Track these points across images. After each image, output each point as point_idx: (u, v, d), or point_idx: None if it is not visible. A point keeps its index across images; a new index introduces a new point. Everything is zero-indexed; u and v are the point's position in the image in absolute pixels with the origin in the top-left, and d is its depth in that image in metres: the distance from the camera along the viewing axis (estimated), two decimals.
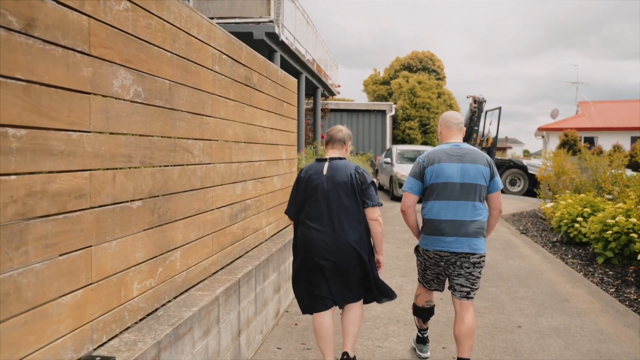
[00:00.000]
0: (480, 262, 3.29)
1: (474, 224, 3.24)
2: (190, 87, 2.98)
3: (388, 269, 6.30)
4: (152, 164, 2.52)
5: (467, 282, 3.31)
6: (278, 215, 5.11)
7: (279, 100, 5.12)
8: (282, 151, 5.25)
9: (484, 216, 3.30)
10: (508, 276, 6.12)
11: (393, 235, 8.71)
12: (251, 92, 4.17)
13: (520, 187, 17.50)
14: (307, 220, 3.22)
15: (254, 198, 4.26)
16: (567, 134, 25.41)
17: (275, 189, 4.97)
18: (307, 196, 3.25)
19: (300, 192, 3.30)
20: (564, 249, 7.68)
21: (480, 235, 3.27)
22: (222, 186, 3.50)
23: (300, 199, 3.30)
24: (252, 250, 4.19)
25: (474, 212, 3.25)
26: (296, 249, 3.31)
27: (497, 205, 3.40)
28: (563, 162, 10.85)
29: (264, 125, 4.55)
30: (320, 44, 12.31)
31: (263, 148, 4.53)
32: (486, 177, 3.31)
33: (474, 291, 3.34)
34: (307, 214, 3.23)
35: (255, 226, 4.31)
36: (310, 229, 3.19)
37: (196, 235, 3.07)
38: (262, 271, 3.90)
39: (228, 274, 3.39)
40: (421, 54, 28.11)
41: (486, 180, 3.31)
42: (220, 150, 3.47)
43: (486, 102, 19.39)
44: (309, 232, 3.19)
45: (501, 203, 3.42)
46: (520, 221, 10.62)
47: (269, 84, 4.75)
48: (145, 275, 2.45)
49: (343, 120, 21.49)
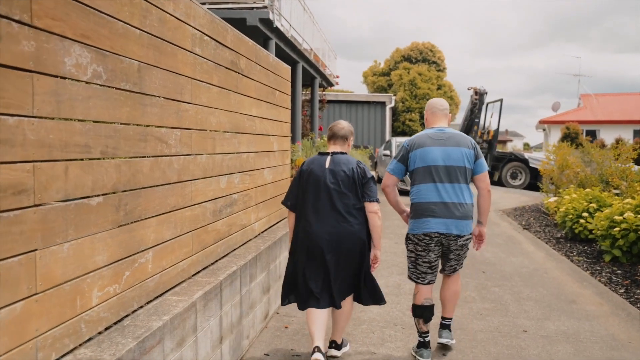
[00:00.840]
0: (467, 243, 3.48)
1: (460, 206, 3.36)
2: (165, 70, 2.68)
3: (385, 266, 6.03)
4: (116, 155, 2.22)
5: (456, 262, 3.59)
6: (269, 210, 4.82)
7: (270, 88, 4.81)
8: (273, 142, 4.95)
9: (469, 197, 3.42)
10: (511, 275, 5.84)
11: (392, 230, 8.44)
12: (238, 78, 3.87)
13: (521, 180, 17.22)
14: (308, 213, 3.28)
15: (242, 192, 3.97)
16: (568, 126, 25.09)
17: (265, 182, 4.67)
18: (309, 188, 3.30)
19: (302, 184, 3.36)
20: (568, 245, 7.40)
21: (468, 217, 3.40)
22: (203, 179, 3.21)
23: (301, 191, 3.35)
24: (239, 248, 3.91)
25: (460, 194, 3.37)
26: (296, 241, 3.35)
27: (485, 185, 3.51)
28: (567, 156, 10.55)
29: (253, 114, 4.25)
30: (318, 32, 11.96)
31: (252, 139, 4.23)
32: (470, 160, 3.42)
33: (460, 265, 3.63)
34: (308, 206, 3.29)
35: (243, 222, 4.02)
36: (311, 221, 3.25)
37: (172, 234, 2.78)
38: (249, 271, 3.62)
39: (209, 276, 3.11)
40: (421, 45, 27.71)
41: (470, 163, 3.41)
42: (202, 141, 3.17)
43: (487, 94, 19.08)
44: (309, 224, 3.26)
45: (489, 183, 3.52)
46: (523, 216, 10.35)
47: (259, 71, 4.44)
48: (107, 281, 2.16)
49: (342, 112, 21.16)
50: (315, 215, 3.25)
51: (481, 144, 17.91)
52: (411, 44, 28.08)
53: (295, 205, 3.39)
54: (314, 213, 3.26)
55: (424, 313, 3.51)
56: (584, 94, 32.28)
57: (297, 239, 3.34)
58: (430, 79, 26.20)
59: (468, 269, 6.00)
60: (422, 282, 3.54)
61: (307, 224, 3.27)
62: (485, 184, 3.51)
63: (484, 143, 17.89)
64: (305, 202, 3.32)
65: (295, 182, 3.42)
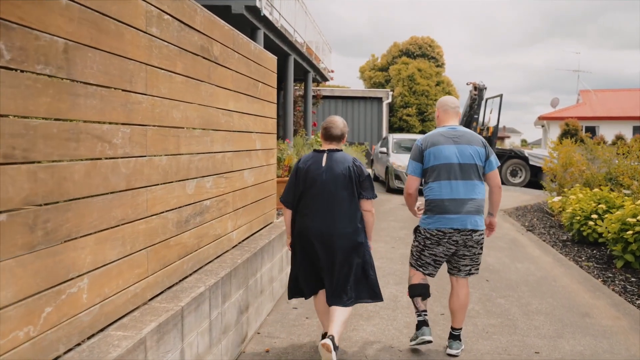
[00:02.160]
0: (482, 239, 3.54)
1: (474, 202, 3.44)
2: (108, 52, 2.18)
3: (381, 275, 5.54)
4: (29, 159, 1.72)
5: (472, 261, 3.59)
6: (251, 215, 4.33)
7: (252, 79, 4.31)
8: (256, 140, 4.45)
9: (482, 194, 3.51)
10: (517, 283, 5.37)
11: (388, 232, 7.95)
12: (211, 66, 3.37)
13: (521, 178, 16.76)
14: (305, 210, 3.33)
15: (216, 197, 3.48)
16: (568, 123, 24.66)
17: (246, 185, 4.18)
18: (306, 186, 3.34)
19: (299, 182, 3.38)
20: (576, 249, 6.94)
21: (480, 212, 3.49)
22: (164, 185, 2.71)
23: (299, 188, 3.37)
24: (212, 262, 3.41)
25: (474, 190, 3.45)
26: (294, 238, 3.44)
27: (496, 182, 3.59)
28: (571, 153, 10.09)
29: (230, 109, 3.75)
30: (311, 24, 11.42)
31: (229, 136, 3.73)
32: (482, 157, 3.50)
33: (476, 268, 3.66)
34: (306, 204, 3.33)
35: (217, 232, 3.53)
36: (308, 219, 3.31)
37: (119, 253, 2.28)
38: (222, 290, 3.13)
39: (170, 300, 2.61)
40: (420, 39, 27.20)
41: (482, 160, 3.50)
42: (162, 139, 2.68)
43: (487, 89, 18.60)
44: (307, 221, 3.31)
45: (499, 180, 3.61)
46: (525, 216, 9.87)
47: (238, 59, 3.94)
48: (16, 323, 1.67)
49: (337, 108, 20.66)
50: (311, 212, 3.30)
51: None
52: (410, 39, 27.56)
53: (291, 202, 3.42)
54: (310, 210, 3.31)
55: (421, 289, 3.60)
56: (583, 90, 31.83)
57: (294, 237, 3.43)
58: (430, 75, 25.70)
59: (470, 277, 5.52)
60: (422, 270, 3.62)
61: (303, 221, 3.33)
62: (496, 181, 3.59)
63: None
64: (301, 199, 3.36)
65: (292, 179, 3.43)
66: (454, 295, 3.65)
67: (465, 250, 3.50)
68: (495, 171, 3.56)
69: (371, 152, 17.78)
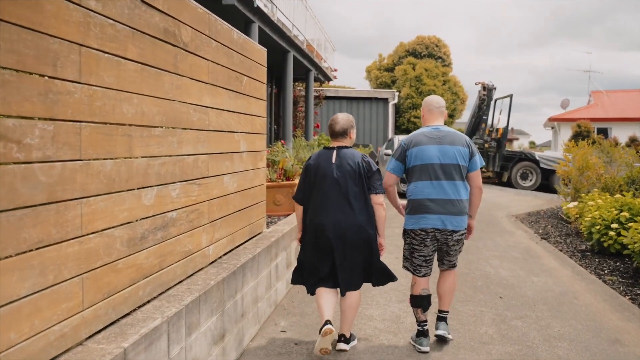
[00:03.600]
0: (462, 238, 3.63)
1: (455, 202, 3.50)
2: (16, 24, 1.68)
3: (382, 290, 5.01)
4: None
5: (453, 256, 3.69)
6: (233, 226, 3.82)
7: (235, 72, 3.80)
8: (239, 141, 3.94)
9: (465, 194, 3.55)
10: (535, 301, 4.81)
11: (392, 240, 7.40)
12: (178, 54, 2.86)
13: (532, 181, 16.13)
14: (317, 206, 3.43)
15: (185, 208, 2.97)
16: (580, 124, 23.97)
17: (226, 193, 3.67)
18: (317, 182, 3.44)
19: (309, 178, 3.49)
20: (597, 260, 6.36)
21: (463, 212, 3.53)
22: (109, 196, 2.20)
23: (309, 185, 3.49)
24: (179, 284, 2.90)
25: (456, 190, 3.49)
26: (304, 233, 3.54)
27: (477, 184, 3.63)
28: (587, 156, 9.49)
29: (205, 105, 3.25)
30: (312, 19, 10.88)
31: (203, 136, 3.22)
32: (465, 158, 3.53)
33: (456, 260, 3.74)
34: (317, 200, 3.44)
35: (187, 248, 3.02)
36: (320, 214, 3.40)
37: (34, 286, 1.77)
38: (187, 320, 2.61)
39: (111, 340, 2.10)
40: (427, 39, 26.63)
41: (465, 161, 3.53)
42: (105, 140, 2.17)
43: (496, 89, 17.99)
44: (319, 216, 3.41)
45: (481, 181, 3.65)
46: (539, 223, 9.29)
47: (216, 49, 3.43)
48: None
49: (342, 109, 20.12)
50: (322, 208, 3.40)
51: (489, 142, 16.83)
52: (416, 38, 27.00)
53: (302, 198, 3.54)
54: (321, 206, 3.40)
55: (422, 302, 3.64)
56: (594, 91, 31.08)
57: (305, 231, 3.53)
58: (437, 75, 25.12)
59: (482, 293, 4.99)
60: (417, 274, 3.67)
61: (314, 216, 3.43)
62: (476, 182, 3.63)
63: (492, 142, 16.82)
64: (312, 195, 3.47)
65: (303, 176, 3.57)
66: (441, 281, 3.80)
67: (446, 247, 3.61)
68: (478, 172, 3.61)
69: (376, 154, 17.23)
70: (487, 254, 6.75)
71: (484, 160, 18.13)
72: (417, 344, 3.60)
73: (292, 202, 6.31)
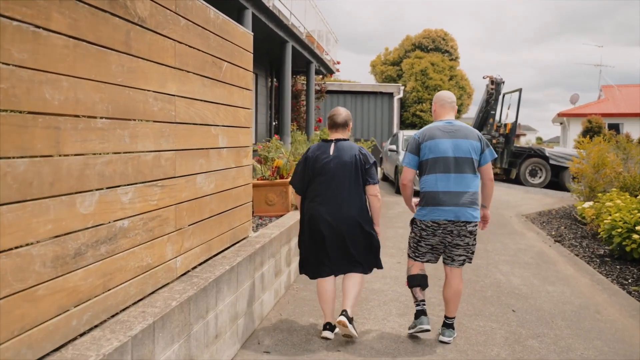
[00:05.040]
0: (475, 230, 3.62)
1: (468, 195, 3.54)
2: None
3: (381, 302, 4.53)
4: None
5: (465, 252, 3.65)
6: (209, 233, 3.34)
7: (210, 56, 3.31)
8: (218, 135, 3.45)
9: (477, 187, 3.61)
10: (552, 316, 4.30)
11: (394, 242, 6.91)
12: (131, 30, 2.38)
13: (541, 178, 15.56)
14: (315, 196, 3.55)
15: (141, 215, 2.49)
16: (590, 120, 23.27)
17: (201, 194, 3.19)
18: (315, 173, 3.56)
19: (308, 169, 3.60)
20: (618, 268, 5.83)
21: (475, 204, 3.58)
22: (21, 205, 1.72)
23: (308, 176, 3.60)
24: (133, 306, 2.42)
25: (468, 183, 3.55)
26: (303, 222, 3.64)
27: (489, 176, 3.70)
28: (604, 152, 8.94)
29: (170, 93, 2.76)
30: (313, 9, 10.34)
31: (168, 130, 2.74)
32: (477, 151, 3.60)
33: (469, 258, 3.70)
34: (315, 190, 3.56)
35: (146, 262, 2.54)
36: (317, 204, 3.53)
37: None
38: (135, 354, 2.13)
39: None
40: (433, 32, 25.99)
41: (477, 154, 3.60)
42: (15, 132, 1.69)
43: (504, 83, 17.39)
44: (316, 206, 3.53)
45: (492, 173, 3.71)
46: (551, 223, 8.76)
47: (185, 27, 2.94)
48: None
49: (346, 103, 19.60)
50: (320, 198, 3.53)
51: (497, 138, 16.26)
52: (423, 31, 26.36)
53: (301, 189, 3.66)
54: (319, 196, 3.53)
55: (419, 280, 3.70)
56: (605, 86, 30.32)
57: (303, 221, 3.64)
58: (443, 69, 24.49)
59: (492, 305, 4.49)
60: (420, 260, 3.72)
61: (312, 206, 3.56)
62: (488, 174, 3.70)
63: (500, 137, 16.25)
64: (310, 186, 3.60)
65: (301, 167, 3.66)
66: (447, 284, 3.74)
67: (459, 239, 3.60)
68: (489, 164, 3.68)
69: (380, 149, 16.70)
70: (496, 259, 6.25)
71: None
72: (418, 324, 3.62)
73: (286, 202, 5.84)
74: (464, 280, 5.19)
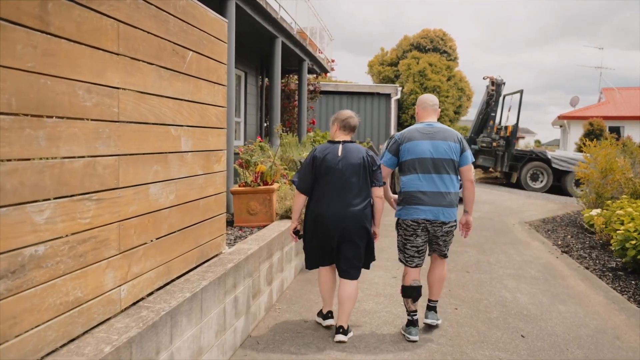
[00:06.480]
0: (452, 229, 3.78)
1: (446, 195, 3.67)
2: None
3: (375, 326, 4.01)
4: None
5: (443, 246, 3.83)
6: (169, 253, 2.82)
7: (170, 43, 2.80)
8: (180, 137, 2.93)
9: (454, 187, 3.72)
10: (566, 342, 3.80)
11: (390, 254, 6.39)
12: (49, 4, 1.86)
13: (543, 183, 15.08)
14: (321, 196, 3.62)
15: (67, 238, 1.97)
16: (592, 122, 22.83)
17: (157, 208, 2.67)
18: (322, 174, 3.61)
19: (315, 169, 3.64)
20: (633, 283, 5.32)
21: (453, 205, 3.71)
22: None
23: (315, 175, 3.65)
24: (50, 356, 1.90)
25: (447, 184, 3.67)
26: (307, 221, 3.71)
27: (469, 177, 3.78)
28: (612, 157, 8.45)
29: (112, 85, 2.25)
30: (305, 3, 9.82)
31: (109, 131, 2.22)
32: (456, 153, 3.71)
33: (447, 250, 3.89)
34: (321, 190, 3.62)
35: (73, 297, 2.02)
36: (323, 204, 3.59)
37: None
38: None
39: None
40: (432, 32, 25.53)
41: (457, 155, 3.71)
42: None
43: (505, 84, 16.91)
44: (323, 206, 3.59)
45: (472, 175, 3.81)
46: (556, 232, 8.25)
47: (134, 6, 2.43)
48: None
49: (342, 104, 19.08)
50: (327, 198, 3.58)
51: (498, 140, 15.76)
52: (421, 31, 25.90)
53: (306, 188, 3.67)
54: (325, 196, 3.58)
55: (412, 293, 3.76)
56: (605, 88, 29.90)
57: (307, 220, 3.70)
58: (441, 70, 24.01)
59: (499, 329, 3.97)
60: (410, 264, 3.79)
61: (318, 205, 3.60)
62: (468, 175, 3.76)
63: (500, 140, 15.75)
64: (316, 186, 3.63)
65: (308, 167, 3.66)
66: (431, 270, 3.96)
67: (435, 239, 3.76)
68: (469, 166, 3.76)
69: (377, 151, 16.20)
70: (501, 273, 5.74)
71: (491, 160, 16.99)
72: (406, 333, 3.71)
73: (269, 211, 5.31)
74: (466, 297, 4.69)
